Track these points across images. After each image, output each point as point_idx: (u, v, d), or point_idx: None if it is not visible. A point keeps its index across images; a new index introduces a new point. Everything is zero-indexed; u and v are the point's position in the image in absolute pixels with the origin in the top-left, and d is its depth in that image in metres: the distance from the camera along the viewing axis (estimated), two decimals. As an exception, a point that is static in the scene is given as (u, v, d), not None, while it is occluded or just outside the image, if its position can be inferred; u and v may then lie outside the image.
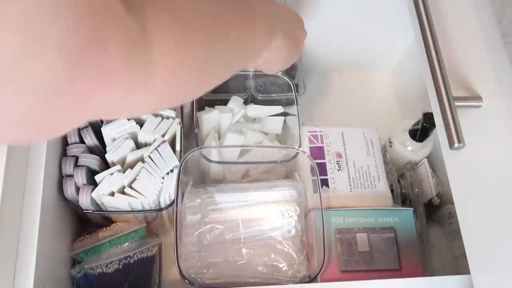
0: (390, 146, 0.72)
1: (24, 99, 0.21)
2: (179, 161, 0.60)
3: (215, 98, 0.72)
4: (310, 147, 0.66)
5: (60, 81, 0.21)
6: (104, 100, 0.24)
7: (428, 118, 0.64)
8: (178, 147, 0.62)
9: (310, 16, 0.76)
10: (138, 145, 0.63)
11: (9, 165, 0.48)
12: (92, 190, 0.58)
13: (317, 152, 0.65)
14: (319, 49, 0.81)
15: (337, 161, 0.65)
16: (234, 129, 0.68)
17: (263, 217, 0.61)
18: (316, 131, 0.67)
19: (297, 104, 0.68)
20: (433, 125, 0.63)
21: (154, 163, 0.60)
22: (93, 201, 0.59)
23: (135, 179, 0.59)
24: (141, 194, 0.58)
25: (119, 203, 0.59)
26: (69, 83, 0.21)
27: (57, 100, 0.22)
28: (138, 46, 0.25)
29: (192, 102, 0.68)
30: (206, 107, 0.70)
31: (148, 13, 0.26)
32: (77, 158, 0.60)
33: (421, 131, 0.67)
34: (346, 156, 0.65)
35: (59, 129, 0.25)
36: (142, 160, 0.61)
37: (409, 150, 0.69)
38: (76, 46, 0.21)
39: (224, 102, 0.71)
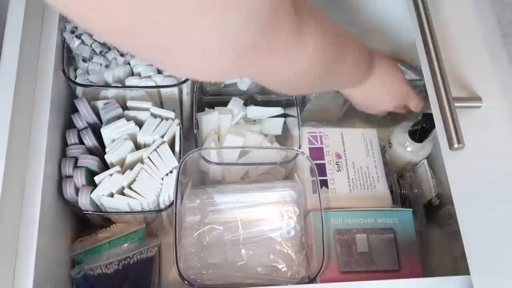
0: (390, 147, 0.71)
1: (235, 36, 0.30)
2: (179, 162, 0.60)
3: (215, 99, 0.72)
4: (309, 148, 0.66)
5: (251, 40, 0.31)
6: (270, 62, 0.36)
7: (427, 119, 0.64)
8: (177, 148, 0.62)
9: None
10: (138, 146, 0.63)
11: (9, 166, 0.48)
12: (92, 191, 0.58)
13: (317, 153, 0.65)
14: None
15: (337, 162, 0.65)
16: (233, 130, 0.68)
17: (262, 218, 0.61)
18: (316, 132, 0.67)
19: (297, 105, 0.68)
20: (432, 126, 0.63)
21: (154, 164, 0.60)
22: (92, 202, 0.59)
23: (134, 180, 0.59)
24: (141, 195, 0.59)
25: (118, 204, 0.59)
26: (254, 43, 0.32)
27: (247, 52, 0.32)
28: (296, 32, 0.36)
29: (192, 103, 0.68)
30: (206, 108, 0.70)
31: (302, 11, 0.37)
32: (76, 159, 0.60)
33: (421, 132, 0.67)
34: (345, 157, 0.65)
35: (240, 72, 0.37)
36: (141, 161, 0.61)
37: (409, 151, 0.69)
38: (263, 17, 0.30)
39: (224, 103, 0.71)
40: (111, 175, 0.59)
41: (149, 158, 0.60)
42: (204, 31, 0.27)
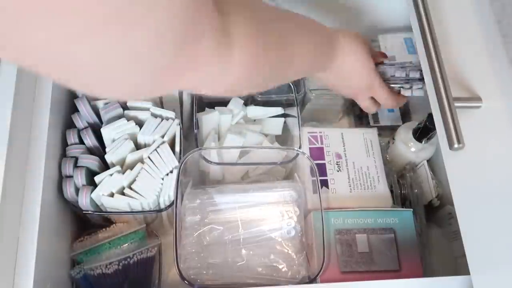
0: (393, 143, 0.71)
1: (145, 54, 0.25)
2: (179, 162, 0.60)
3: (215, 99, 0.72)
4: (309, 148, 0.66)
5: (165, 60, 0.27)
6: (191, 79, 0.31)
7: (431, 119, 0.64)
8: (177, 148, 0.62)
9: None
10: (138, 146, 0.63)
11: (9, 166, 0.48)
12: (92, 191, 0.58)
13: (317, 153, 0.65)
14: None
15: (337, 162, 0.65)
16: (234, 130, 0.68)
17: (262, 218, 0.61)
18: (316, 132, 0.67)
19: (297, 105, 0.68)
20: (435, 126, 0.62)
21: (154, 164, 0.60)
22: (92, 202, 0.59)
23: (134, 180, 0.59)
24: (141, 195, 0.59)
25: (118, 204, 0.59)
26: (169, 63, 0.28)
27: (161, 72, 0.28)
28: (221, 43, 0.31)
29: (192, 103, 0.68)
30: (206, 108, 0.70)
31: (230, 13, 0.32)
32: (76, 159, 0.60)
33: (422, 130, 0.66)
34: (345, 157, 0.65)
35: (157, 91, 0.33)
36: (141, 161, 0.61)
37: (411, 149, 0.69)
38: (176, 35, 0.26)
39: (224, 103, 0.71)
40: (111, 175, 0.59)
41: (149, 158, 0.60)
42: (105, 49, 0.23)
